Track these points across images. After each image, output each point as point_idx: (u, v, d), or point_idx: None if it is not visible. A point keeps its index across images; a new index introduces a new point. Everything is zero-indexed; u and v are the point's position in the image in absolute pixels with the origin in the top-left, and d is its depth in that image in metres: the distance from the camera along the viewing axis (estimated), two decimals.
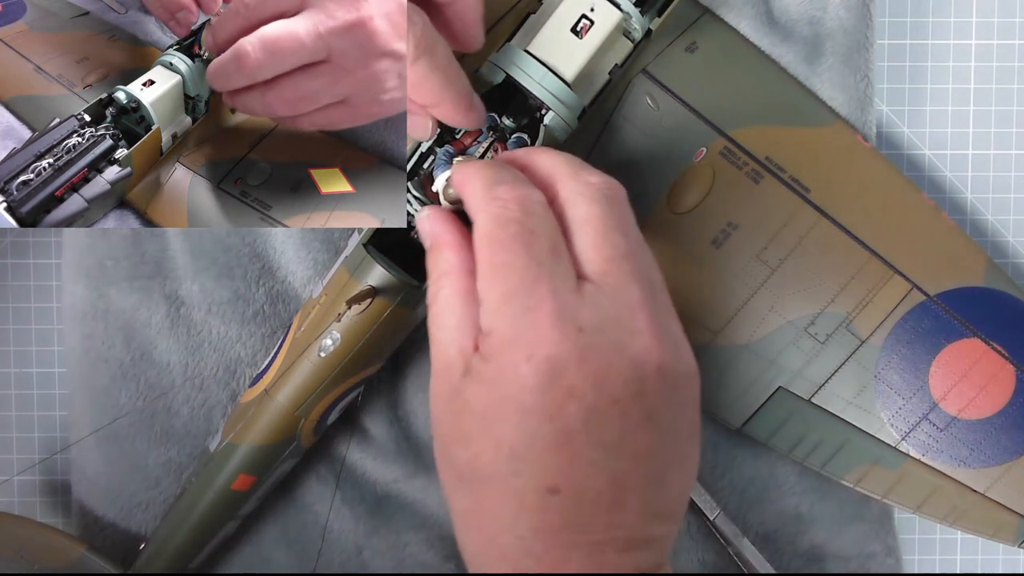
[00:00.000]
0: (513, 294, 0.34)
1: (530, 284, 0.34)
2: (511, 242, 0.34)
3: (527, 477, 0.33)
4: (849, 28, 0.48)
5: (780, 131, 0.46)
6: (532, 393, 0.33)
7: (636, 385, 0.34)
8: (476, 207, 0.36)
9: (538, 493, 0.33)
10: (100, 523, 0.50)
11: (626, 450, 0.34)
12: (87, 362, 0.50)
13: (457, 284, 0.36)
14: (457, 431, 0.35)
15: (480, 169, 0.37)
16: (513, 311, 0.34)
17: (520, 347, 0.33)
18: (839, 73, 0.48)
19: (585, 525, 0.34)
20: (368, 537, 0.50)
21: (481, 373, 0.34)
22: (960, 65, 0.51)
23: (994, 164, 0.51)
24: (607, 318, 0.34)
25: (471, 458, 0.34)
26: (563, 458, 0.33)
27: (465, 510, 0.35)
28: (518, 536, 0.34)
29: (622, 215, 0.36)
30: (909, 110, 0.51)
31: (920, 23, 0.51)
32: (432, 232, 0.38)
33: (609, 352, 0.34)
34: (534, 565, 0.34)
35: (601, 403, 0.33)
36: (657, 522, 0.35)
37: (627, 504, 0.34)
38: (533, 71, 0.42)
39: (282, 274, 0.50)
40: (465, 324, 0.35)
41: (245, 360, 0.50)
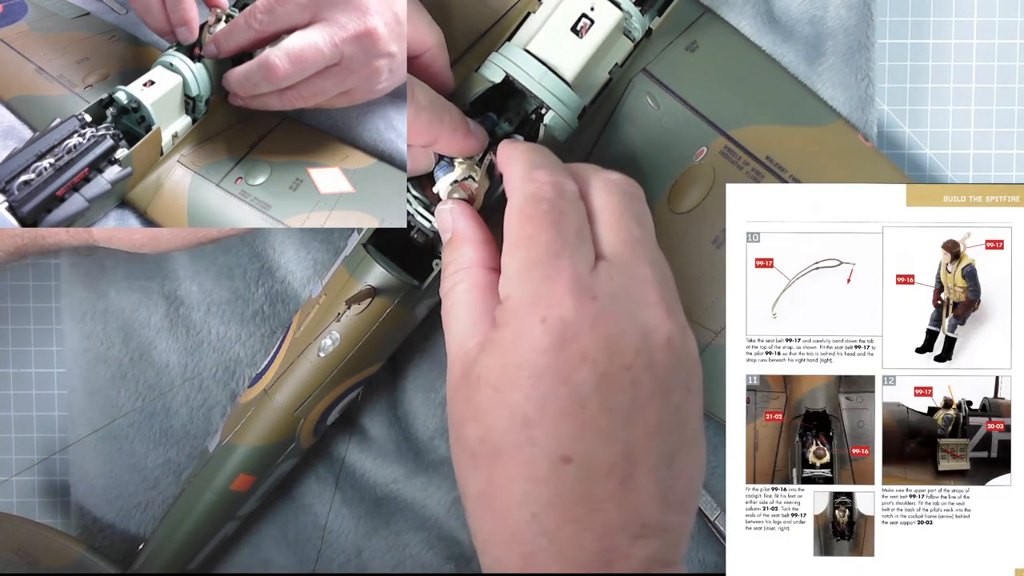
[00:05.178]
0: (534, 263, 0.35)
1: (552, 256, 0.35)
2: (541, 218, 0.36)
3: (540, 446, 0.34)
4: (850, 27, 0.48)
5: (781, 130, 0.46)
6: (546, 355, 0.34)
7: (646, 355, 0.35)
8: (513, 185, 0.38)
9: (551, 463, 0.34)
10: (99, 523, 0.50)
11: (636, 422, 0.34)
12: (86, 362, 0.50)
13: (476, 278, 0.37)
14: (470, 408, 0.35)
15: (524, 151, 0.39)
16: (532, 278, 0.35)
17: (536, 310, 0.35)
18: (840, 72, 0.48)
19: (597, 501, 0.34)
20: (368, 537, 0.50)
21: (495, 342, 0.35)
22: (961, 64, 0.51)
23: (995, 164, 0.51)
24: (620, 290, 0.35)
25: (484, 432, 0.35)
26: (576, 424, 0.34)
27: (478, 492, 0.36)
28: (531, 513, 0.34)
29: (639, 208, 0.38)
30: (910, 109, 0.51)
31: (921, 22, 0.51)
32: (455, 226, 0.39)
33: (621, 319, 0.35)
34: (547, 545, 0.34)
35: (613, 369, 0.34)
36: (668, 509, 0.35)
37: (638, 482, 0.34)
38: (533, 70, 0.42)
39: (281, 274, 0.50)
40: (482, 317, 0.37)
41: (244, 360, 0.50)
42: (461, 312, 0.37)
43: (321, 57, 0.40)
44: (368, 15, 0.39)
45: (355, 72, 0.41)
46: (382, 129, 0.45)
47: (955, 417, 0.43)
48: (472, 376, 0.35)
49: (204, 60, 0.43)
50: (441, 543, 0.50)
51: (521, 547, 0.34)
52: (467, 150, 0.42)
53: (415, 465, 0.50)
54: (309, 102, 0.42)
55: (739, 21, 0.48)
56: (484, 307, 0.37)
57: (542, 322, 0.34)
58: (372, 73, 0.41)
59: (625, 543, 0.34)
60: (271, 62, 0.40)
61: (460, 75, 0.44)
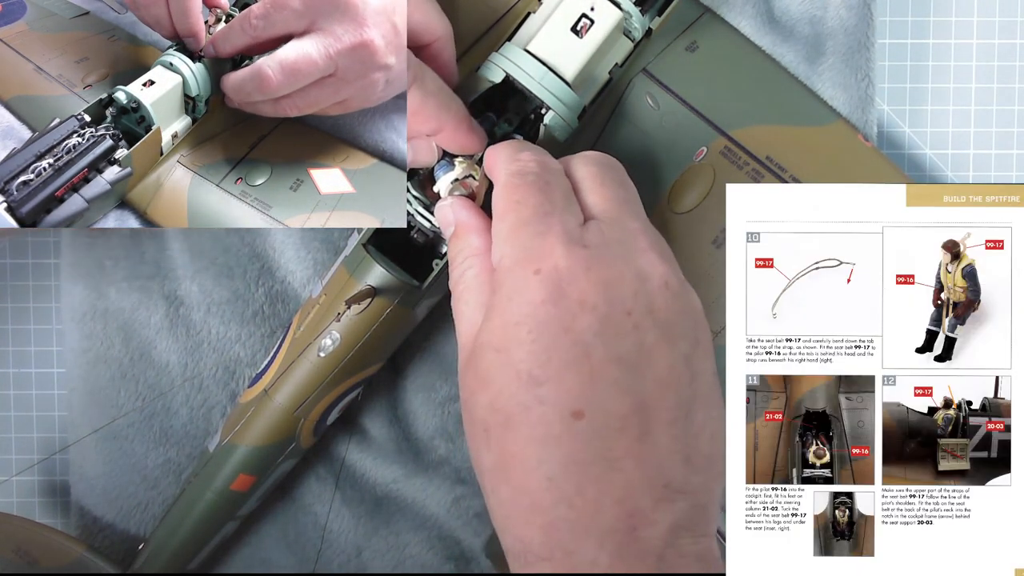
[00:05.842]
0: (525, 222, 0.36)
1: (542, 216, 0.36)
2: (527, 186, 0.37)
3: (549, 403, 0.33)
4: (850, 27, 0.48)
5: (781, 130, 0.46)
6: (543, 305, 0.34)
7: (645, 298, 0.35)
8: (500, 170, 0.38)
9: (563, 420, 0.33)
10: (99, 523, 0.50)
11: (645, 370, 0.34)
12: (86, 362, 0.50)
13: (485, 263, 0.38)
14: (477, 378, 0.35)
15: (507, 144, 0.40)
16: (523, 236, 0.35)
17: (529, 263, 0.35)
18: (840, 72, 0.48)
19: (615, 459, 0.33)
20: (368, 538, 0.50)
21: (493, 306, 0.35)
22: (961, 64, 0.51)
23: (995, 164, 0.51)
24: (611, 239, 0.36)
25: (493, 398, 0.34)
26: (583, 375, 0.34)
27: (492, 465, 0.35)
28: (547, 477, 0.33)
29: (620, 176, 0.39)
30: (910, 109, 0.51)
31: (921, 22, 0.51)
32: (457, 218, 0.40)
33: (616, 262, 0.35)
34: (567, 511, 0.33)
35: (613, 313, 0.34)
36: (690, 469, 0.34)
37: (656, 437, 0.34)
38: (533, 70, 0.42)
39: (281, 274, 0.50)
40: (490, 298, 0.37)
41: (244, 360, 0.50)
42: (471, 296, 0.37)
43: (315, 69, 0.40)
44: (365, 27, 0.39)
45: (350, 83, 0.41)
46: (383, 129, 0.45)
47: (955, 417, 0.43)
48: (477, 346, 0.35)
49: (204, 60, 0.43)
50: (441, 543, 0.50)
51: (541, 517, 0.34)
52: (468, 145, 0.41)
53: (415, 465, 0.50)
54: (304, 111, 0.42)
55: (739, 21, 0.48)
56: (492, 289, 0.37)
57: (536, 274, 0.34)
58: (368, 84, 0.41)
59: (649, 506, 0.33)
60: (264, 73, 0.40)
61: (460, 75, 0.44)
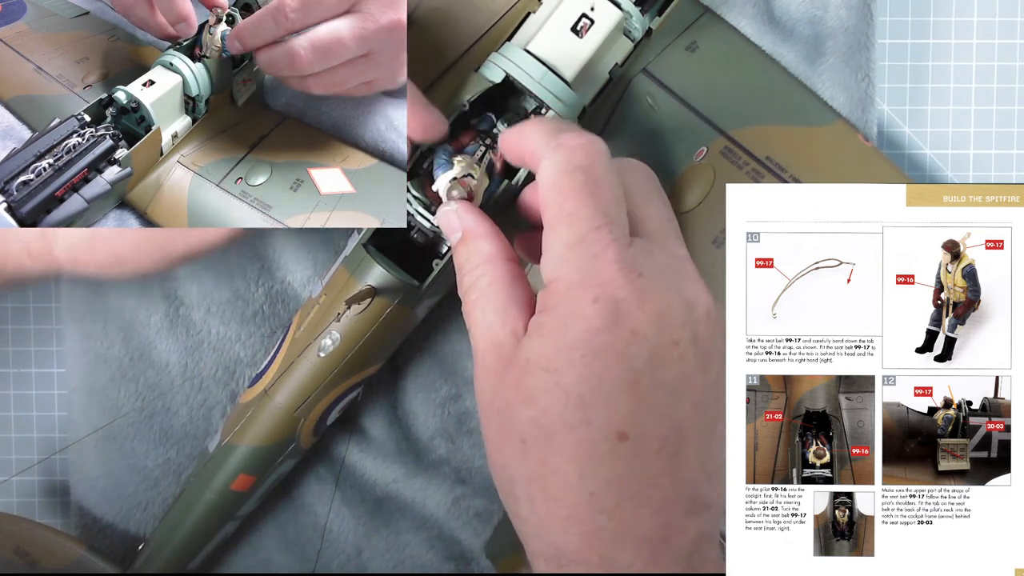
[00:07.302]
0: (579, 241, 0.35)
1: (595, 232, 0.35)
2: (579, 192, 0.36)
3: (596, 424, 0.34)
4: (850, 27, 0.48)
5: (781, 130, 0.46)
6: (600, 333, 0.34)
7: (691, 328, 0.35)
8: (540, 155, 0.37)
9: (608, 441, 0.34)
10: (99, 523, 0.50)
11: (684, 395, 0.35)
12: (86, 362, 0.50)
13: (498, 270, 0.38)
14: (519, 392, 0.35)
15: (539, 121, 0.39)
16: (579, 257, 0.35)
17: (587, 289, 0.35)
18: (840, 72, 0.48)
19: (652, 477, 0.34)
20: (368, 538, 0.50)
21: (543, 326, 0.35)
22: (961, 64, 0.51)
23: (995, 164, 0.51)
24: (662, 266, 0.36)
25: (537, 416, 0.35)
26: (630, 401, 0.34)
27: (530, 476, 0.35)
28: (589, 492, 0.34)
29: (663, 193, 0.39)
30: (910, 109, 0.51)
31: (921, 22, 0.51)
32: (464, 224, 0.39)
33: (667, 293, 0.35)
34: (606, 522, 0.34)
35: (662, 343, 0.35)
36: (710, 482, 0.36)
37: (687, 454, 0.35)
38: (533, 70, 0.42)
39: (281, 274, 0.50)
40: (509, 306, 0.37)
41: (244, 360, 0.50)
42: (488, 304, 0.37)
43: (346, 51, 0.40)
44: (398, 5, 0.40)
45: (381, 65, 0.41)
46: (383, 129, 0.45)
47: (955, 417, 0.43)
48: (519, 361, 0.35)
49: (204, 60, 0.43)
50: (441, 543, 0.50)
51: (580, 527, 0.34)
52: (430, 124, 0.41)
53: (415, 465, 0.50)
54: (329, 90, 0.42)
55: (739, 21, 0.48)
56: (509, 296, 0.37)
57: (594, 302, 0.34)
58: (399, 66, 0.41)
59: (680, 518, 0.35)
60: (295, 51, 0.40)
61: (460, 75, 0.44)
